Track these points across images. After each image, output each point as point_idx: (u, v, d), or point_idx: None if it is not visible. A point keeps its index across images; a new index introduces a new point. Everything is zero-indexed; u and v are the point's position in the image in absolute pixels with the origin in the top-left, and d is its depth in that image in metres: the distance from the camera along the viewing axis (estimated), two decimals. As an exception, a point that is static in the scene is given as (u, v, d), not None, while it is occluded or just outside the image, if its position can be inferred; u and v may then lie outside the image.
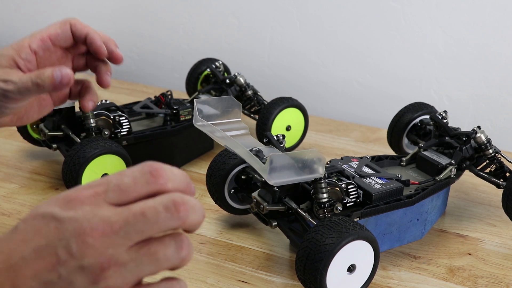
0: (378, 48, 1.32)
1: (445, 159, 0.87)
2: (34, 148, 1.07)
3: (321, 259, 0.65)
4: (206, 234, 0.87)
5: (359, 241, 0.67)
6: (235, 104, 0.80)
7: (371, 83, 1.34)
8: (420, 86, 1.30)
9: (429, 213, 0.84)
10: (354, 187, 0.76)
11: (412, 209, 0.81)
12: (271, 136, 0.78)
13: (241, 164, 0.83)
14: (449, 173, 0.85)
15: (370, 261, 0.70)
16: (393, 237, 0.81)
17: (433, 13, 1.25)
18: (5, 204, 0.92)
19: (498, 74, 1.23)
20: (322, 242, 0.66)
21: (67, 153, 0.86)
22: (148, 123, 1.03)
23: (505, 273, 0.80)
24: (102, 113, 0.94)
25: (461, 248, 0.85)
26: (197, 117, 0.77)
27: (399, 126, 0.98)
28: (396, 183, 0.79)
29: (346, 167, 0.81)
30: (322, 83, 1.39)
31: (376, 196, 0.76)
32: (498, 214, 0.94)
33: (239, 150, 0.72)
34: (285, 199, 0.76)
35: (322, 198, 0.72)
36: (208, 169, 0.85)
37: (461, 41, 1.24)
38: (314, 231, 0.68)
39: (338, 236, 0.66)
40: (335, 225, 0.67)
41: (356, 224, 0.68)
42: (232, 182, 0.84)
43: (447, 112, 0.92)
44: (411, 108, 0.99)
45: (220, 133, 0.75)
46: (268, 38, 1.41)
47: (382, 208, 0.76)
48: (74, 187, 0.41)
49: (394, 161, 0.90)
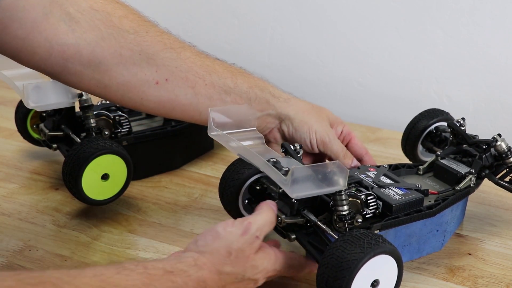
0: (378, 48, 1.32)
1: (464, 167, 0.85)
2: (34, 148, 1.07)
3: (343, 276, 0.63)
4: (206, 234, 0.87)
5: (382, 255, 0.65)
6: (250, 112, 0.79)
7: (371, 83, 1.34)
8: (420, 86, 1.30)
9: (448, 224, 0.83)
10: (374, 198, 0.74)
11: (432, 220, 0.79)
12: (288, 146, 0.75)
13: (255, 174, 0.81)
14: (469, 182, 0.83)
15: (393, 275, 0.68)
16: (413, 248, 0.79)
17: (433, 13, 1.25)
18: (5, 204, 0.92)
19: (498, 74, 1.23)
20: (345, 258, 0.63)
21: (67, 153, 0.86)
22: (148, 123, 1.03)
23: (505, 273, 0.80)
24: (102, 113, 0.94)
25: (461, 248, 0.85)
26: (212, 126, 0.75)
27: (414, 133, 0.96)
28: (416, 194, 0.77)
29: (364, 177, 0.79)
30: (322, 83, 1.39)
31: (396, 208, 0.74)
32: (498, 214, 0.94)
33: (257, 161, 0.70)
34: (304, 211, 0.73)
35: (343, 210, 0.70)
36: (221, 179, 0.82)
37: (461, 41, 1.24)
38: (335, 247, 0.65)
39: (361, 252, 0.64)
40: (357, 239, 0.65)
41: (379, 238, 0.66)
42: (246, 192, 0.81)
43: (465, 119, 0.89)
44: (426, 115, 0.96)
45: (235, 143, 0.73)
46: (268, 38, 1.41)
47: (402, 220, 0.74)
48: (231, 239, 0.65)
49: (411, 169, 0.87)
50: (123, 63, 0.78)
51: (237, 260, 0.65)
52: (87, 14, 0.75)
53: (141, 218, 0.90)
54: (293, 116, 0.87)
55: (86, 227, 0.87)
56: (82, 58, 0.75)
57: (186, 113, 0.84)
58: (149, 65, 0.79)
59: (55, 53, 0.74)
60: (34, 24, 0.71)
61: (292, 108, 0.87)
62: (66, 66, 0.76)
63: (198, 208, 0.93)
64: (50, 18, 0.73)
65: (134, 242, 0.85)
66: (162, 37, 0.82)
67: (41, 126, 0.97)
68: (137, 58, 0.78)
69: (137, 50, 0.78)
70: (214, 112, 0.76)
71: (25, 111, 1.01)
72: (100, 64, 0.77)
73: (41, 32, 0.72)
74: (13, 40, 0.72)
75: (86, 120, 0.92)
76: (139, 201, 0.94)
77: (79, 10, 0.75)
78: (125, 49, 0.78)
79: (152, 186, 0.99)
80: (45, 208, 0.91)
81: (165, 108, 0.83)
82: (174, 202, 0.95)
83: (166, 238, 0.85)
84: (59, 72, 0.77)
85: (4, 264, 0.79)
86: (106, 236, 0.85)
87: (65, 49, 0.74)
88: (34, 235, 0.85)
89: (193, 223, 0.89)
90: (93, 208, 0.91)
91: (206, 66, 0.83)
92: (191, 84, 0.82)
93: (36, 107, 0.89)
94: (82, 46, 0.75)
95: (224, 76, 0.84)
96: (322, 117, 0.89)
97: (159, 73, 0.80)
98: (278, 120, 0.88)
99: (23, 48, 0.73)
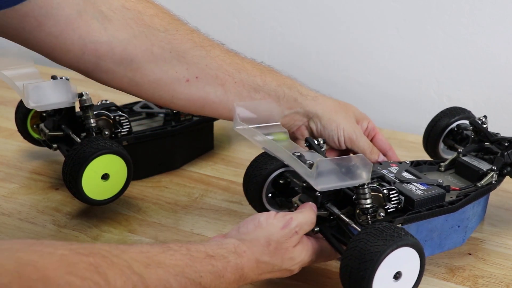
0: (378, 48, 1.32)
1: (485, 164, 0.86)
2: (34, 148, 1.07)
3: (366, 267, 0.64)
4: (206, 234, 0.87)
5: (405, 248, 0.66)
6: (273, 107, 0.80)
7: (371, 83, 1.34)
8: (420, 86, 1.30)
9: (470, 220, 0.83)
10: (396, 193, 0.76)
11: (453, 216, 0.80)
12: (312, 141, 0.77)
13: (278, 169, 0.82)
14: (491, 179, 0.83)
15: (415, 268, 0.69)
16: (434, 243, 0.80)
17: (433, 13, 1.25)
18: (5, 204, 0.92)
19: (498, 74, 1.23)
20: (368, 250, 0.65)
21: (67, 153, 0.86)
22: (148, 123, 1.03)
23: (505, 273, 0.80)
24: (102, 113, 0.94)
25: (461, 248, 0.85)
26: (237, 120, 0.76)
27: (436, 131, 0.97)
28: (438, 189, 0.78)
29: (386, 172, 0.81)
30: (322, 83, 1.39)
31: (418, 202, 0.75)
32: (498, 214, 0.94)
33: (282, 154, 0.72)
34: (327, 205, 0.75)
35: (366, 204, 0.71)
36: (245, 175, 0.84)
37: (461, 41, 1.24)
38: (359, 239, 0.66)
39: (384, 244, 0.65)
40: (379, 232, 0.66)
41: (401, 230, 0.67)
42: (270, 187, 0.83)
43: (486, 117, 0.90)
44: (448, 113, 0.97)
45: (261, 137, 0.74)
46: (268, 38, 1.41)
47: (424, 214, 0.75)
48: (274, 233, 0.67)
49: (432, 166, 0.88)
50: (154, 61, 0.79)
51: (276, 251, 0.66)
52: (119, 12, 0.76)
53: (141, 218, 0.90)
54: (321, 115, 0.89)
55: (86, 227, 0.87)
56: (114, 56, 0.76)
57: (216, 110, 0.86)
58: (179, 63, 0.80)
59: (88, 51, 0.75)
60: (68, 21, 0.72)
61: (320, 106, 0.90)
62: (99, 64, 0.77)
63: (198, 208, 0.93)
64: (84, 15, 0.73)
65: (134, 242, 0.85)
66: (192, 35, 0.83)
67: (41, 126, 0.97)
68: (168, 56, 0.80)
69: (168, 48, 0.79)
70: (239, 107, 0.77)
71: (25, 111, 1.01)
72: (132, 62, 0.78)
73: (74, 30, 0.73)
74: (47, 37, 0.72)
75: (86, 120, 0.92)
76: (139, 201, 0.94)
77: (111, 8, 0.76)
78: (156, 47, 0.79)
79: (152, 186, 0.99)
80: (45, 208, 0.91)
81: (196, 105, 0.85)
82: (174, 202, 0.95)
83: (166, 238, 0.85)
84: (91, 70, 0.78)
85: (4, 264, 0.79)
86: (106, 236, 0.85)
87: (98, 47, 0.75)
88: (34, 235, 0.85)
89: (193, 223, 0.89)
90: (93, 208, 0.91)
91: (235, 64, 0.85)
92: (221, 82, 0.84)
93: (36, 107, 0.89)
94: (115, 44, 0.76)
95: (253, 74, 0.86)
96: (348, 114, 0.92)
97: (189, 71, 0.81)
98: (306, 118, 0.90)
99: (56, 46, 0.73)
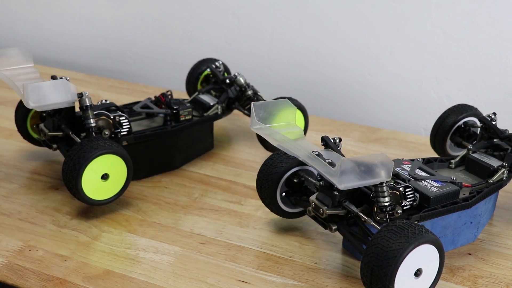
0: (378, 48, 1.32)
1: (496, 161, 0.86)
2: (34, 148, 1.07)
3: (389, 265, 0.65)
4: (206, 234, 0.87)
5: (426, 245, 0.67)
6: (289, 105, 0.80)
7: (371, 83, 1.34)
8: (420, 86, 1.30)
9: (482, 216, 0.84)
10: (411, 191, 0.76)
11: (466, 212, 0.80)
12: (328, 139, 0.77)
13: (292, 168, 0.83)
14: (502, 176, 0.84)
15: (435, 265, 0.70)
16: (448, 240, 0.81)
17: (433, 13, 1.25)
18: (5, 204, 0.92)
19: (498, 74, 1.23)
20: (390, 247, 0.65)
21: (67, 153, 0.86)
22: (148, 123, 1.03)
23: (505, 273, 0.80)
24: (102, 113, 0.94)
25: (461, 248, 0.85)
26: (254, 120, 0.77)
27: (443, 128, 0.97)
28: (452, 186, 0.79)
29: (399, 170, 0.81)
30: (322, 83, 1.39)
31: (434, 199, 0.76)
32: (498, 214, 0.94)
33: (301, 153, 0.72)
34: (345, 203, 0.75)
35: (384, 202, 0.72)
36: (259, 174, 0.84)
37: (461, 41, 1.24)
38: (380, 236, 0.67)
39: (406, 241, 0.65)
40: (401, 229, 0.67)
41: (422, 228, 0.68)
42: (284, 186, 0.83)
43: (496, 114, 0.91)
44: (455, 110, 0.98)
45: (279, 136, 0.75)
46: (268, 38, 1.41)
47: (440, 211, 0.76)
48: None
49: (442, 163, 0.89)
50: None
51: None
52: None
53: (141, 218, 0.90)
54: None
55: (86, 227, 0.87)
56: None
57: None
58: None
59: None
60: None
61: None
62: None
63: (198, 208, 0.93)
64: None
65: (134, 242, 0.85)
66: None
67: (41, 126, 0.97)
68: None
69: None
70: (256, 106, 0.78)
71: (25, 111, 1.01)
72: None
73: None
74: None
75: (86, 120, 0.92)
76: (139, 201, 0.94)
77: None
78: None
79: (152, 186, 0.99)
80: (45, 208, 0.91)
81: None
82: (174, 202, 0.95)
83: (166, 238, 0.85)
84: None
85: (4, 264, 0.79)
86: (106, 236, 0.86)
87: None
88: (34, 235, 0.85)
89: (193, 223, 0.89)
90: (93, 208, 0.91)
91: None
92: None
93: (36, 107, 0.89)
94: None
95: None
96: None
97: None
98: None
99: None
